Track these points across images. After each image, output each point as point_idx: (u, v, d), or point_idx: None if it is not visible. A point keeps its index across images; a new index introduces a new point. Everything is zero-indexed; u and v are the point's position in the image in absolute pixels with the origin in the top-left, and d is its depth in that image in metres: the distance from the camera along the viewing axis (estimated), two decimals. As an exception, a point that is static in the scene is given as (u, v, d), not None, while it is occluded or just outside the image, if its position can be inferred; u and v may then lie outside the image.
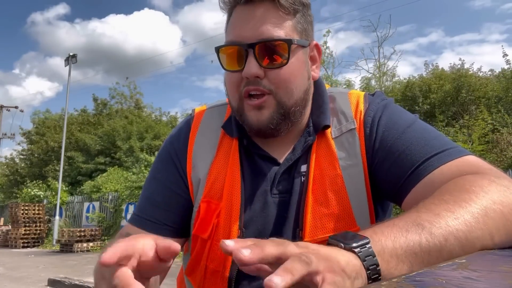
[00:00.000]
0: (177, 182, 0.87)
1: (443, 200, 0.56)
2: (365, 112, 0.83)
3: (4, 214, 20.58)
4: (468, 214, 0.53)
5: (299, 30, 0.80)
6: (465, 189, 0.58)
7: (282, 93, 0.78)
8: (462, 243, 0.51)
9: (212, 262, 0.81)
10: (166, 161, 0.90)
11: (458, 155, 0.71)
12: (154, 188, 0.89)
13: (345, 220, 0.78)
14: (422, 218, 0.52)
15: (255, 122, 0.79)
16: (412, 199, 0.71)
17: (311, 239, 0.76)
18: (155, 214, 0.86)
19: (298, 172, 0.83)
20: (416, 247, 0.49)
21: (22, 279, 7.57)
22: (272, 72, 0.77)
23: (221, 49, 0.80)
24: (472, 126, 11.75)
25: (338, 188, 0.79)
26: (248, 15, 0.77)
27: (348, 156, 0.80)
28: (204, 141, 0.88)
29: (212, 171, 0.85)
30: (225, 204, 0.81)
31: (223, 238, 0.79)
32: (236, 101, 0.81)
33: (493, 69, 18.52)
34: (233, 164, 0.84)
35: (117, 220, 14.53)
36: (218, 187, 0.83)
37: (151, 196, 0.88)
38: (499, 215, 0.55)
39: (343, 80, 17.34)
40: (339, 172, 0.79)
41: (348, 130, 0.82)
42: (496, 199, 0.57)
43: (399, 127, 0.79)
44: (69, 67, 18.95)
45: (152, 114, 26.30)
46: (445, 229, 0.51)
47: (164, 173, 0.89)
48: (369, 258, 0.46)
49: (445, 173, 0.68)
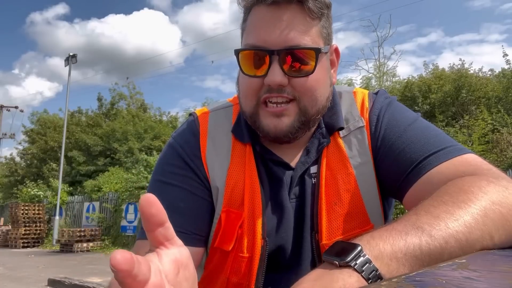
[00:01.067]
0: (200, 187, 0.81)
1: (442, 201, 0.56)
2: (370, 110, 0.83)
3: (4, 214, 20.58)
4: (467, 215, 0.53)
5: (324, 36, 0.77)
6: (463, 190, 0.58)
7: (307, 100, 0.75)
8: (462, 245, 0.51)
9: (236, 275, 0.78)
10: (181, 166, 0.82)
11: (457, 153, 0.71)
12: (175, 195, 0.79)
13: (359, 219, 0.78)
14: (421, 221, 0.52)
15: (272, 130, 0.76)
16: (412, 197, 0.71)
17: (328, 241, 0.76)
18: (181, 222, 0.76)
19: (308, 174, 0.81)
20: (416, 250, 0.48)
21: (22, 279, 7.57)
22: (297, 80, 0.74)
23: (241, 52, 0.75)
24: (472, 126, 11.75)
25: (350, 187, 0.78)
26: (274, 18, 0.72)
27: (358, 154, 0.80)
28: (216, 147, 0.83)
29: (230, 178, 0.80)
30: (247, 213, 0.77)
31: (246, 249, 0.77)
32: (251, 107, 0.77)
33: (493, 69, 18.53)
34: (251, 171, 0.80)
35: (117, 220, 14.53)
36: (237, 195, 0.79)
37: (173, 203, 0.78)
38: (498, 215, 0.55)
39: (345, 80, 17.35)
40: (351, 171, 0.79)
41: (356, 128, 0.82)
42: (495, 199, 0.57)
43: (401, 125, 0.79)
44: (69, 67, 18.97)
45: (155, 115, 26.29)
46: (445, 231, 0.51)
47: (183, 178, 0.80)
48: (367, 266, 0.46)
49: (443, 172, 0.68)
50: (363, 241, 0.49)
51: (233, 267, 0.78)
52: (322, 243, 0.76)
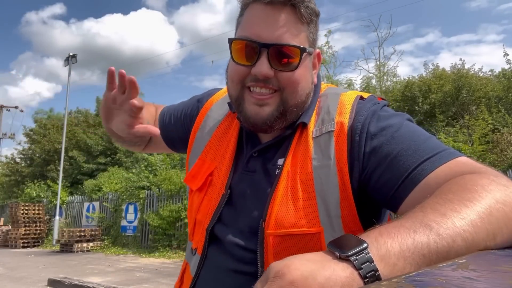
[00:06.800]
0: (188, 118, 1.08)
1: (447, 199, 0.55)
2: (355, 117, 0.82)
3: (4, 214, 20.59)
4: (474, 214, 0.53)
5: (310, 40, 0.85)
6: (467, 189, 0.58)
7: (289, 92, 0.82)
8: (468, 244, 0.51)
9: (200, 213, 0.92)
10: (197, 101, 1.10)
11: (450, 157, 0.71)
12: (181, 107, 1.12)
13: (308, 219, 0.78)
14: (429, 218, 0.51)
15: (253, 115, 0.83)
16: (410, 205, 0.69)
17: (273, 231, 0.78)
18: (168, 119, 1.12)
19: (274, 164, 0.86)
20: (424, 248, 0.48)
21: (22, 279, 7.58)
22: (282, 74, 0.81)
23: (234, 41, 0.83)
24: (472, 126, 11.77)
25: (307, 186, 0.79)
26: (269, 17, 0.79)
27: (321, 156, 0.80)
28: (216, 112, 1.02)
29: (214, 137, 0.98)
30: (219, 166, 0.93)
31: (211, 193, 0.91)
32: (236, 91, 0.85)
33: (493, 69, 18.54)
34: (232, 137, 0.94)
35: (117, 220, 14.55)
36: (214, 151, 0.96)
37: (177, 108, 1.13)
38: (502, 214, 0.55)
39: (344, 80, 17.37)
40: (310, 171, 0.80)
41: (327, 132, 0.82)
42: (499, 198, 0.57)
43: (387, 133, 0.78)
44: (69, 67, 18.98)
45: None
46: (452, 230, 0.50)
47: (190, 104, 1.11)
48: (366, 264, 0.45)
49: (441, 176, 0.68)
50: (370, 238, 0.49)
51: (200, 207, 0.93)
52: (267, 231, 0.78)
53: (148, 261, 10.60)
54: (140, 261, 10.63)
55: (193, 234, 0.95)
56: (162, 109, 1.17)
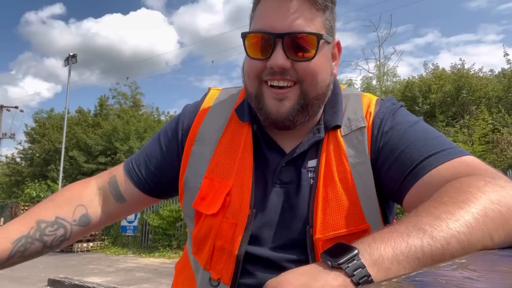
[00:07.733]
0: (173, 151, 0.93)
1: (442, 202, 0.56)
2: (375, 114, 0.84)
3: (4, 214, 20.57)
4: (468, 215, 0.53)
5: (327, 27, 0.81)
6: (462, 191, 0.58)
7: (308, 84, 0.79)
8: (463, 245, 0.51)
9: (221, 239, 0.82)
10: (172, 128, 0.95)
11: (456, 155, 0.71)
12: (153, 149, 0.96)
13: (355, 217, 0.78)
14: (422, 222, 0.52)
15: (274, 112, 0.79)
16: (412, 198, 0.72)
17: (322, 235, 0.77)
18: (145, 171, 0.94)
19: (305, 167, 0.83)
20: (419, 252, 0.48)
21: (22, 279, 7.57)
22: (300, 64, 0.77)
23: (247, 36, 0.80)
24: (472, 126, 11.76)
25: (347, 184, 0.79)
26: (281, 7, 0.76)
27: (357, 153, 0.81)
28: (213, 119, 0.91)
29: (218, 150, 0.87)
30: (235, 183, 0.83)
31: (233, 216, 0.81)
32: (254, 87, 0.81)
33: (493, 69, 18.54)
34: (246, 147, 0.85)
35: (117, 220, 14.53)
36: (224, 166, 0.85)
37: (149, 154, 0.96)
38: (498, 214, 0.55)
39: (344, 80, 17.37)
40: (348, 169, 0.80)
41: (357, 128, 0.83)
42: (494, 199, 0.57)
43: (402, 127, 0.80)
44: (69, 67, 18.99)
45: (152, 114, 26.23)
46: (446, 232, 0.50)
47: (167, 138, 0.95)
48: (359, 271, 0.45)
49: (443, 173, 0.68)
50: (364, 244, 0.49)
51: (219, 232, 0.82)
52: (316, 237, 0.77)
53: (148, 261, 10.59)
54: (140, 261, 10.63)
55: (211, 263, 0.83)
56: (124, 166, 0.97)
